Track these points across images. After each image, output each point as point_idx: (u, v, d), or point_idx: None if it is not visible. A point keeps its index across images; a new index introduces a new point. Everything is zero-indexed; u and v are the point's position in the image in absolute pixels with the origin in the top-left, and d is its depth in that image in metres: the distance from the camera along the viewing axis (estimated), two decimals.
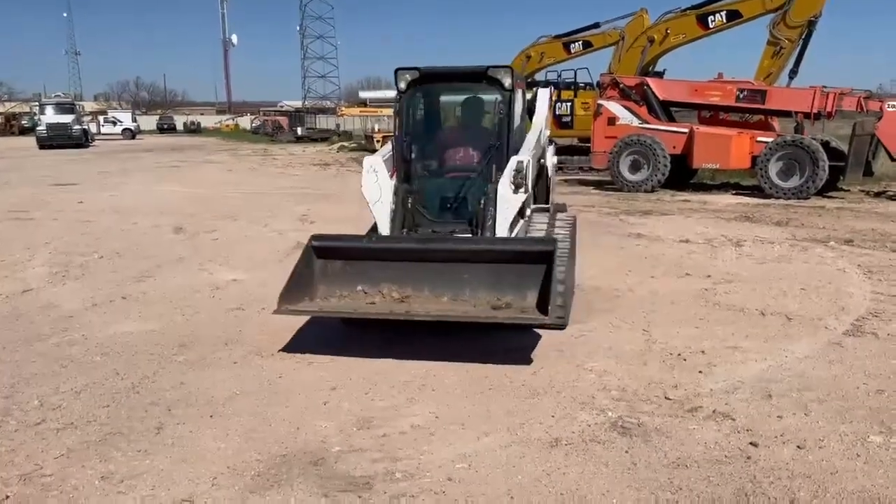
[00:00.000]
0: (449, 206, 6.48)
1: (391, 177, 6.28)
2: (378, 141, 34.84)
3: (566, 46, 21.26)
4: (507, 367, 5.11)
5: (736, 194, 16.26)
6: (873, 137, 15.09)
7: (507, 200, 5.97)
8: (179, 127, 71.91)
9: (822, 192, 15.26)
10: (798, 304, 6.71)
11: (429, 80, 6.46)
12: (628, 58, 19.20)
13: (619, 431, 4.10)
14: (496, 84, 6.29)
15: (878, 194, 15.78)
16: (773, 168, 15.19)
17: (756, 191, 15.87)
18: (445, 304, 5.43)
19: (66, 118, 38.29)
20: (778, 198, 14.92)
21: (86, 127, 42.23)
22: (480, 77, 6.33)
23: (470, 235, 6.16)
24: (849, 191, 16.20)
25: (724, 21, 17.57)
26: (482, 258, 5.53)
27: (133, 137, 53.03)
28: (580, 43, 21.06)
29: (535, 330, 5.75)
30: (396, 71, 6.33)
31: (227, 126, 72.83)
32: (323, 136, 47.84)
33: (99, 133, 51.18)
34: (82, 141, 39.01)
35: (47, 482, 3.60)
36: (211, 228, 11.54)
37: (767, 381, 4.82)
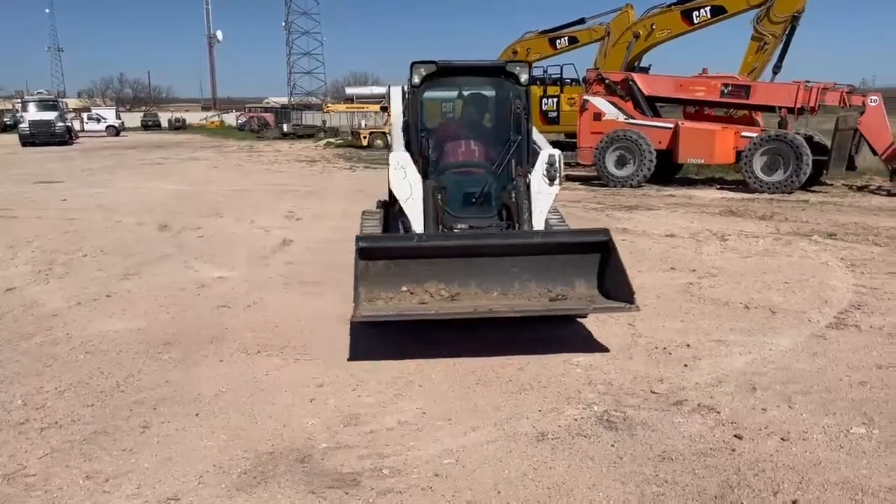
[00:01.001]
0: (473, 201, 6.40)
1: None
2: (364, 137, 34.76)
3: (552, 42, 21.28)
4: (495, 362, 5.13)
5: (721, 189, 16.36)
6: (856, 132, 15.24)
7: (542, 193, 6.10)
8: (164, 124, 71.33)
9: (805, 187, 15.38)
10: (782, 298, 6.76)
11: (446, 74, 6.34)
12: (614, 53, 19.25)
13: (606, 425, 4.12)
14: (512, 79, 6.28)
15: (860, 188, 15.92)
16: (758, 163, 15.29)
17: (741, 185, 15.97)
18: (497, 300, 5.41)
19: (49, 115, 37.85)
20: (762, 192, 15.03)
21: (69, 124, 41.74)
22: (499, 72, 6.32)
23: (508, 230, 6.13)
24: (832, 185, 16.33)
25: (709, 16, 17.64)
26: (535, 251, 5.58)
27: (117, 134, 52.57)
28: (566, 39, 21.08)
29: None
30: (413, 64, 6.17)
31: (213, 123, 72.23)
32: (309, 133, 47.56)
33: (82, 130, 50.72)
34: (66, 138, 38.58)
35: (31, 482, 3.57)
36: (196, 226, 11.46)
37: (752, 374, 4.86)
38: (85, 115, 56.31)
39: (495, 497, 3.40)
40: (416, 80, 6.18)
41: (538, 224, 6.07)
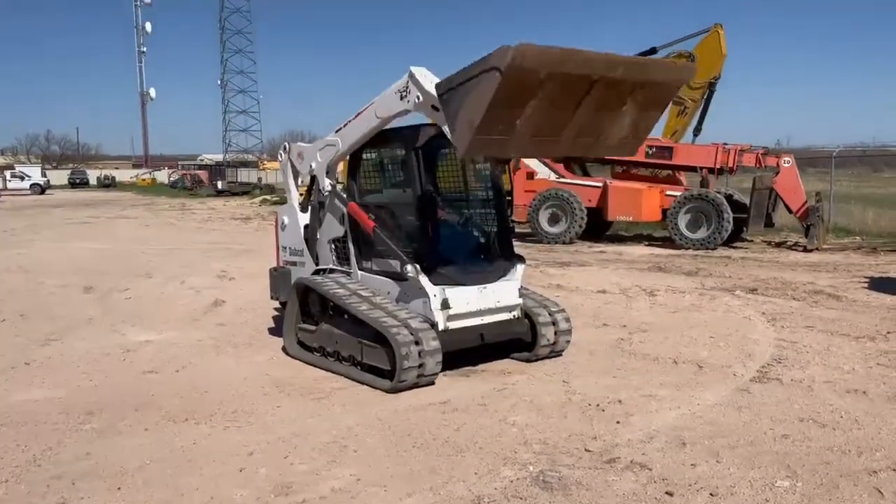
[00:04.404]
0: None
1: None
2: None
3: None
4: (431, 423, 5.09)
5: (649, 245, 16.93)
6: (772, 191, 16.11)
7: None
8: (93, 181, 69.65)
9: (728, 243, 16.08)
10: (708, 352, 6.98)
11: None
12: None
13: (541, 486, 4.13)
14: None
15: (778, 244, 16.73)
16: (682, 220, 15.96)
17: (667, 242, 16.57)
18: None
19: None
20: (687, 248, 15.63)
21: None
22: None
23: None
24: (752, 241, 17.11)
25: None
26: None
27: (42, 192, 51.07)
28: None
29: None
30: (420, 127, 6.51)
31: (144, 180, 70.85)
32: (244, 190, 47.21)
33: (5, 189, 49.11)
34: None
35: None
36: (124, 287, 11.12)
37: (681, 429, 4.97)
38: (8, 173, 54.54)
39: None
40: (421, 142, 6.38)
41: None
